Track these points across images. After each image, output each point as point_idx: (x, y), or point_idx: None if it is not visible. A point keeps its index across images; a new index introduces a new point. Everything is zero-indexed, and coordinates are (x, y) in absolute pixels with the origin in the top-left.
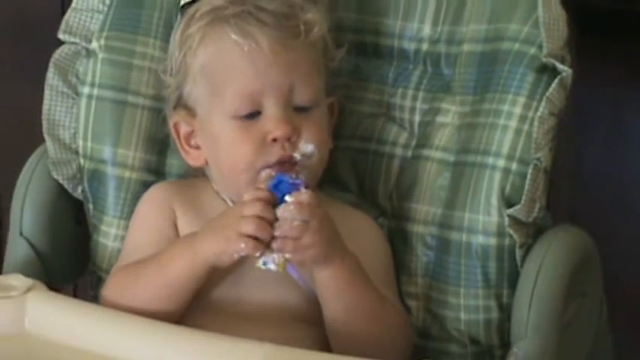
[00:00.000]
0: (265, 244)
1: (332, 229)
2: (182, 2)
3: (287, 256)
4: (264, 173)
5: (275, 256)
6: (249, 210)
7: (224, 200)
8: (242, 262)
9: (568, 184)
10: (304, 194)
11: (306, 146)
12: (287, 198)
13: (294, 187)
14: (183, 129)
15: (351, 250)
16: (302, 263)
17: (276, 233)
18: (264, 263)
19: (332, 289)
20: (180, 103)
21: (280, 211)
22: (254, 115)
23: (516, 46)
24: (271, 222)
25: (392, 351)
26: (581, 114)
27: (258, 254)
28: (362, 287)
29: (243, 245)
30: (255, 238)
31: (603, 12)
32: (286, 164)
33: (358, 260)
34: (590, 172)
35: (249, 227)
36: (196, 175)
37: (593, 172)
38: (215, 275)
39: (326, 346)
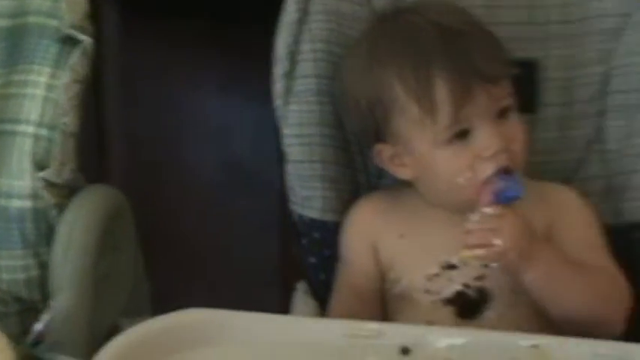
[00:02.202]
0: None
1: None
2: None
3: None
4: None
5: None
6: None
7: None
8: None
9: (120, 146)
10: (489, 208)
11: None
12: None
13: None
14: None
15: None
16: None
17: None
18: None
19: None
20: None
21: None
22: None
23: (40, 19)
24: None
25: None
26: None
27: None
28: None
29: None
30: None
31: None
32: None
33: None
34: (141, 135)
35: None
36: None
37: (145, 135)
38: None
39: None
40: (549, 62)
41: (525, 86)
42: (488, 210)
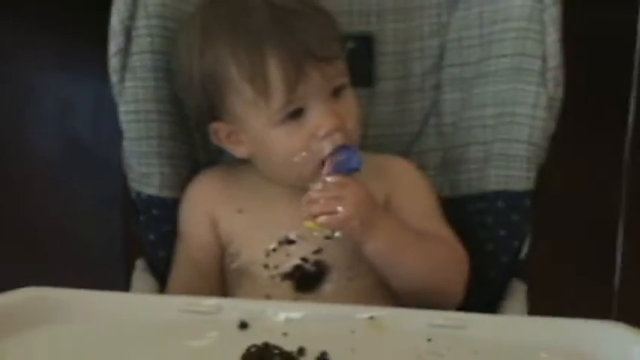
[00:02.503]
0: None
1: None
2: None
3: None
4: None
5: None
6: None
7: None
8: None
9: None
10: (330, 177)
11: None
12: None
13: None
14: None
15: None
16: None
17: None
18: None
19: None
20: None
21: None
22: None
23: None
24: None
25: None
26: None
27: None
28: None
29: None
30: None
31: None
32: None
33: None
34: None
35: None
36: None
37: None
38: None
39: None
40: (385, 36)
41: (361, 60)
42: (331, 179)
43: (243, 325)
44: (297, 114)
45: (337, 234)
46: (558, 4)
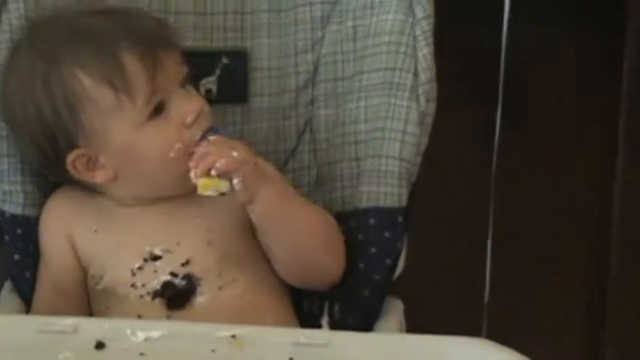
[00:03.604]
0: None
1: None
2: None
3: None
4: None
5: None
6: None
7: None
8: None
9: None
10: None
11: None
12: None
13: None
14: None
15: None
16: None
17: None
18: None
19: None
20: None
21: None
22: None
23: None
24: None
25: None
26: None
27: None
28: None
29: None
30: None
31: None
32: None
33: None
34: None
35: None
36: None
37: None
38: None
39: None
40: (260, 52)
41: (236, 76)
42: (214, 137)
43: (100, 345)
44: (159, 110)
45: (235, 181)
46: (430, 17)
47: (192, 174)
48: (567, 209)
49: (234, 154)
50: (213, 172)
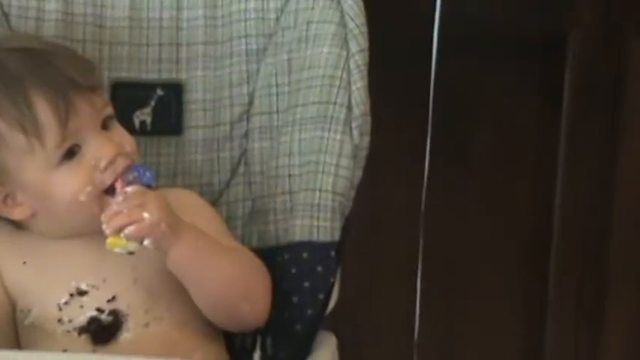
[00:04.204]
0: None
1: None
2: None
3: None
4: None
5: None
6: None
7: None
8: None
9: None
10: (129, 187)
11: None
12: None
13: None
14: None
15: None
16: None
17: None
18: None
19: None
20: None
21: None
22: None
23: None
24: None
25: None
26: None
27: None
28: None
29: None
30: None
31: None
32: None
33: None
34: None
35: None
36: None
37: None
38: None
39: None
40: (195, 84)
41: (170, 108)
42: (130, 189)
43: None
44: (73, 152)
45: (146, 242)
46: (365, 51)
47: (103, 227)
48: (501, 240)
49: (145, 216)
50: (122, 235)
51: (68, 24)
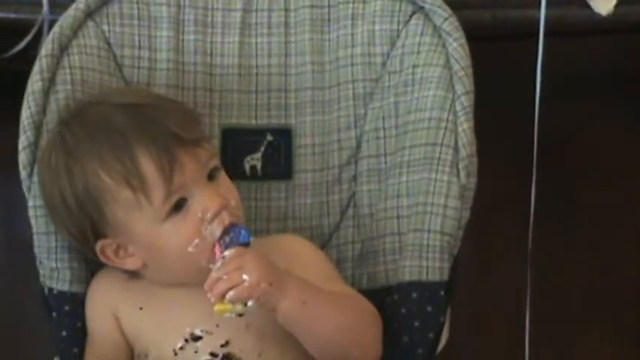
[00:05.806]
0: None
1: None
2: None
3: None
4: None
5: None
6: None
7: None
8: None
9: None
10: (227, 251)
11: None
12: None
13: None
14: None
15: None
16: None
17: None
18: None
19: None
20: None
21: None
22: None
23: None
24: None
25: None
26: None
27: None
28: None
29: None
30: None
31: None
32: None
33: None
34: None
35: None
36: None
37: None
38: None
39: None
40: (303, 128)
41: (280, 153)
42: (227, 253)
43: None
44: (180, 205)
45: (250, 303)
46: (470, 93)
47: (208, 295)
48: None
49: (245, 278)
50: (226, 300)
51: (179, 72)
